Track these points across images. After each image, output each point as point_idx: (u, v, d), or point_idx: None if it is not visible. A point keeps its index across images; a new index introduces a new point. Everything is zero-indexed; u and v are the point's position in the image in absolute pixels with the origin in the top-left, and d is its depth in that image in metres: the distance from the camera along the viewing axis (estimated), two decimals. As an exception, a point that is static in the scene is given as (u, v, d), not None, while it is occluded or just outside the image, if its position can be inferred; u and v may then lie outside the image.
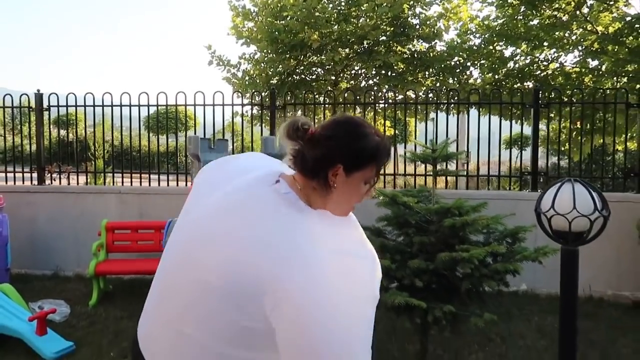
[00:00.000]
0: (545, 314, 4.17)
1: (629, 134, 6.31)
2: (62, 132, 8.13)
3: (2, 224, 4.48)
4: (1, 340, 3.45)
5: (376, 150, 1.23)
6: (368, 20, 9.54)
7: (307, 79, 10.40)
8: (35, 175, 5.63)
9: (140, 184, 5.69)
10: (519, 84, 9.86)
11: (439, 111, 5.36)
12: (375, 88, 9.94)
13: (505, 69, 10.00)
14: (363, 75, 10.61)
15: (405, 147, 5.63)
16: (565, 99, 5.70)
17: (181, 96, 5.40)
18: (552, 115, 7.80)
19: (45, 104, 5.62)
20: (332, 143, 1.21)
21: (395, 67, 9.74)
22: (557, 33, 9.22)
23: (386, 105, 6.49)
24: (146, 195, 5.26)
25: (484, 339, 3.65)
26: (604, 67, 9.07)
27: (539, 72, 9.92)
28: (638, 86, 8.08)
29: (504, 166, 8.76)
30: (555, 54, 9.93)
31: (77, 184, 5.67)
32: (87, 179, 5.75)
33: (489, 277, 2.75)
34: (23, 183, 5.71)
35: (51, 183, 5.67)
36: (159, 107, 5.63)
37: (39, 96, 5.58)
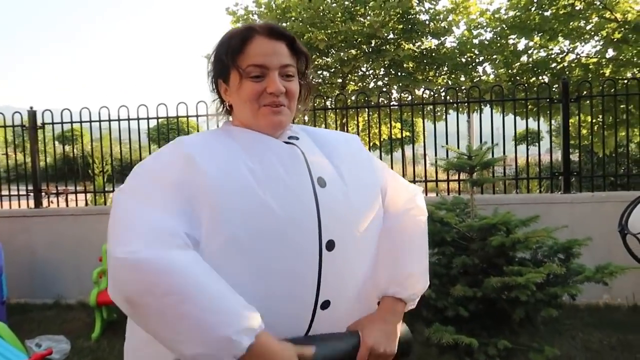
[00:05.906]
0: (589, 328, 3.77)
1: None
2: (67, 148, 7.80)
3: (-5, 254, 4.14)
4: (-6, 388, 3.11)
5: (225, 47, 1.20)
6: (375, 17, 9.18)
7: (314, 82, 10.08)
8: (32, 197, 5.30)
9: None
10: (533, 79, 9.45)
11: (451, 110, 4.97)
12: (384, 89, 9.57)
13: (519, 63, 9.60)
14: (372, 75, 10.24)
15: (413, 148, 5.26)
16: (595, 93, 5.31)
17: (182, 107, 5.14)
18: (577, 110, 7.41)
19: (39, 122, 5.30)
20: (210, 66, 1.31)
21: (405, 66, 9.36)
22: (573, 23, 8.81)
23: (400, 107, 6.11)
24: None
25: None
26: (624, 57, 8.63)
27: (554, 64, 9.51)
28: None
29: (521, 162, 8.33)
30: (571, 45, 9.52)
31: (76, 205, 5.33)
32: (86, 199, 5.40)
33: (546, 302, 2.36)
34: (19, 206, 5.38)
35: (49, 205, 5.32)
36: (159, 120, 5.30)
37: (32, 113, 5.24)
